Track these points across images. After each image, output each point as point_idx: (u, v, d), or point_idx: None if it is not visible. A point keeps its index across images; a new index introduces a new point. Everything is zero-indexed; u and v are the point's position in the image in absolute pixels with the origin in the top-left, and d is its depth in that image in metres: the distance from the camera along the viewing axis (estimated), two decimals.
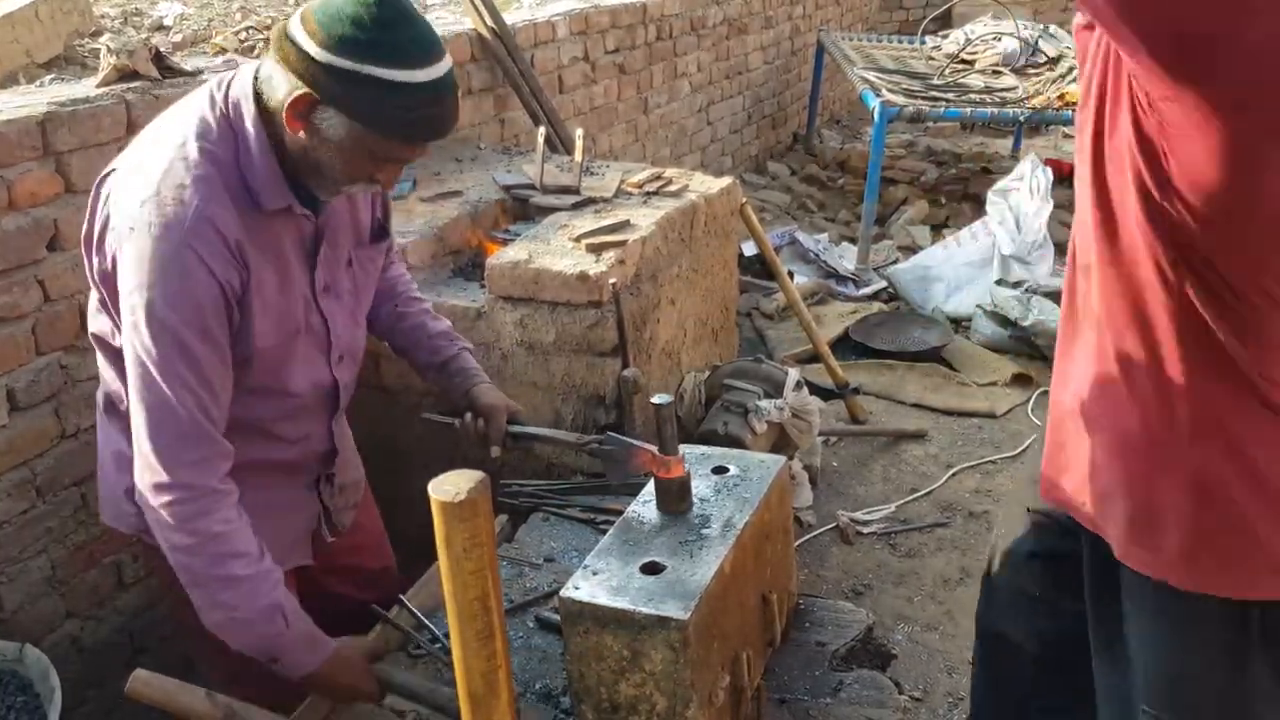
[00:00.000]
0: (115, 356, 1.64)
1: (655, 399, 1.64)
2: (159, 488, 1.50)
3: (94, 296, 1.66)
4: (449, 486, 1.01)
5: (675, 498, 1.65)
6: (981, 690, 1.93)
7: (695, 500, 1.68)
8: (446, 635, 1.78)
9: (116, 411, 1.73)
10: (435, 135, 1.50)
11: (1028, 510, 1.72)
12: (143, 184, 1.48)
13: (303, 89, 1.42)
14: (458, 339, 2.05)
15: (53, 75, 3.34)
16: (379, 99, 1.40)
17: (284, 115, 1.45)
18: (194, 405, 1.49)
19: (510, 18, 4.20)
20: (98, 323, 1.68)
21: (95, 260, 1.57)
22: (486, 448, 1.95)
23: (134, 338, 1.48)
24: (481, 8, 3.87)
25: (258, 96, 1.50)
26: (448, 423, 1.98)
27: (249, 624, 1.55)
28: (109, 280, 1.54)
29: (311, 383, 1.73)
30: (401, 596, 1.89)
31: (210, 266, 1.46)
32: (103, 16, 4.30)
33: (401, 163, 1.55)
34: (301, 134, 1.46)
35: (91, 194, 1.57)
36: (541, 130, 3.48)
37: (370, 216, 1.80)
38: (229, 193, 1.50)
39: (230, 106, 1.52)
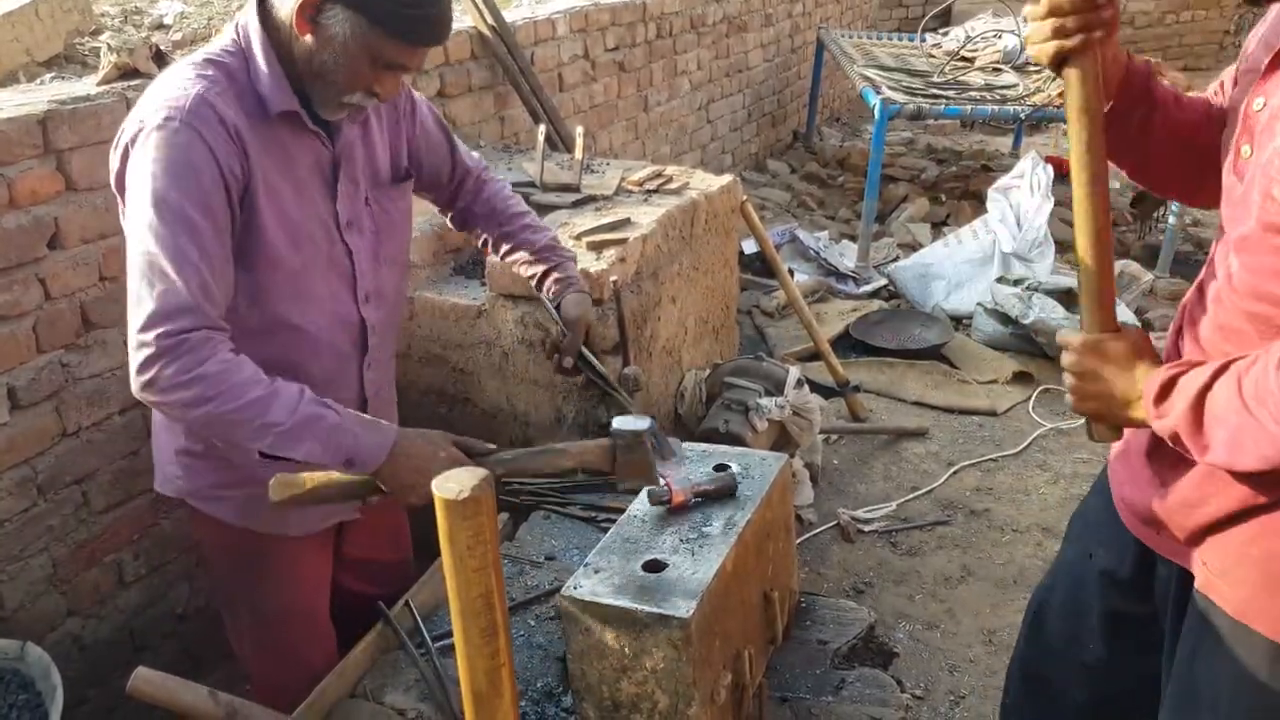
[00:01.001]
0: None
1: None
2: (149, 360, 1.48)
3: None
4: (452, 484, 1.01)
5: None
6: None
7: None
8: (446, 635, 1.79)
9: None
10: (433, 38, 1.57)
11: (1090, 556, 1.65)
12: (154, 91, 1.57)
13: None
14: (562, 250, 2.07)
15: (53, 74, 3.34)
16: None
17: (294, 18, 1.53)
18: (190, 274, 1.49)
19: (510, 15, 4.20)
20: None
21: (116, 174, 1.59)
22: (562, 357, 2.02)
23: (138, 217, 1.50)
24: (481, 5, 3.87)
25: (265, 16, 1.59)
26: (553, 323, 2.03)
27: (302, 428, 1.52)
28: (121, 178, 1.57)
29: (339, 321, 1.75)
30: (383, 606, 1.89)
31: (210, 145, 1.51)
32: (103, 15, 4.29)
33: (400, 70, 1.60)
34: (308, 37, 1.54)
35: None
36: (542, 128, 3.48)
37: (390, 157, 1.82)
38: (235, 95, 1.57)
39: (240, 32, 1.61)
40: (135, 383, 1.51)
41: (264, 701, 1.63)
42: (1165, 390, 1.24)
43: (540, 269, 2.05)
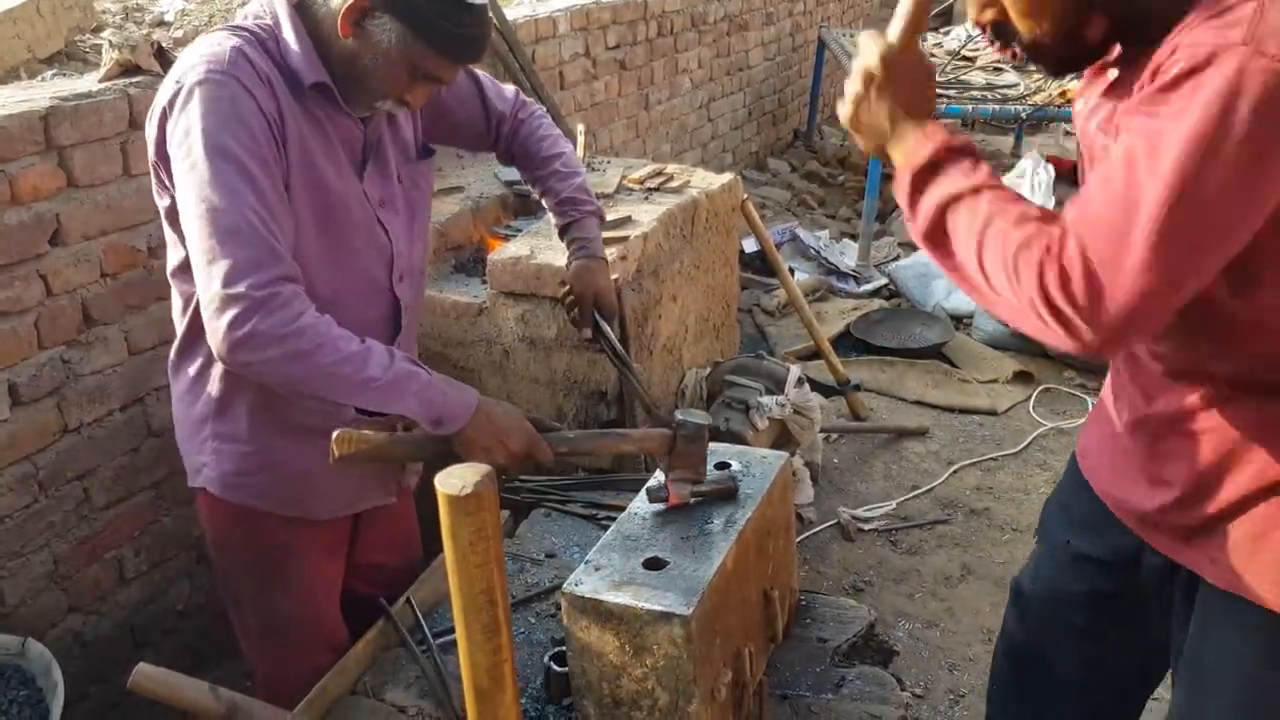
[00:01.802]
0: (187, 272, 1.60)
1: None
2: (243, 314, 1.42)
3: (165, 225, 1.64)
4: (455, 480, 1.02)
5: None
6: (1006, 708, 1.88)
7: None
8: (446, 632, 1.79)
9: (184, 363, 1.75)
10: (474, 57, 1.59)
11: (1067, 543, 1.66)
12: (186, 56, 1.55)
13: None
14: (582, 204, 2.04)
15: (54, 70, 3.34)
16: (437, 12, 1.49)
17: (339, 17, 1.51)
18: (260, 225, 1.45)
19: (511, 13, 4.20)
20: (175, 253, 1.65)
21: (154, 143, 1.55)
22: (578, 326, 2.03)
23: (193, 175, 1.46)
24: None
25: (300, 11, 1.58)
26: (564, 291, 2.02)
27: (398, 384, 1.51)
28: (161, 146, 1.53)
29: (373, 300, 1.74)
30: (384, 603, 1.88)
31: (254, 95, 1.49)
32: (104, 12, 4.28)
33: (435, 83, 1.61)
34: (350, 40, 1.53)
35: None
36: None
37: (413, 134, 1.82)
38: (269, 59, 1.55)
39: (267, 9, 1.60)
40: (225, 341, 1.43)
41: (268, 700, 1.63)
42: (932, 169, 1.23)
43: (560, 223, 2.04)
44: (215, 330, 1.44)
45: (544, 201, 2.07)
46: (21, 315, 2.27)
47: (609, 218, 2.88)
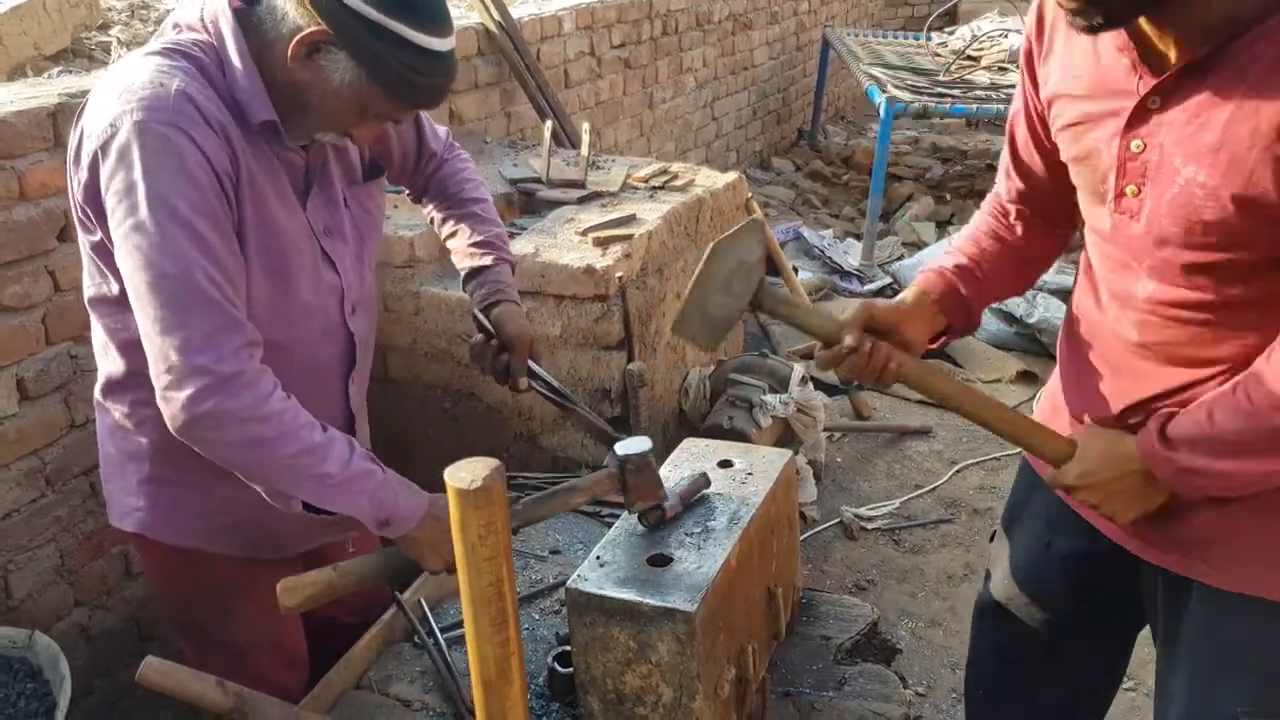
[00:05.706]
0: (114, 308, 1.52)
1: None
2: (207, 389, 1.34)
3: (85, 254, 1.54)
4: (464, 474, 1.02)
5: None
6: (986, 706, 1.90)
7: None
8: (451, 627, 1.80)
9: (113, 400, 1.66)
10: (431, 104, 1.52)
11: (1048, 545, 1.65)
12: (117, 88, 1.39)
13: (320, 26, 1.38)
14: (500, 249, 1.91)
15: (60, 68, 3.35)
16: (397, 57, 1.39)
17: (290, 47, 1.40)
18: (214, 290, 1.36)
19: (516, 12, 4.20)
20: (100, 284, 1.55)
21: (83, 186, 1.43)
22: (507, 379, 1.85)
23: (134, 239, 1.35)
24: (488, 2, 3.88)
25: (242, 16, 1.45)
26: (485, 333, 1.85)
27: (353, 481, 1.45)
28: (91, 192, 1.41)
29: (326, 336, 1.66)
30: (397, 594, 1.85)
31: (201, 146, 1.37)
32: (109, 9, 4.29)
33: (386, 121, 1.54)
34: (300, 70, 1.42)
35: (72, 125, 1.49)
36: (549, 124, 3.49)
37: (359, 154, 1.71)
38: (214, 92, 1.43)
39: (211, 27, 1.46)
40: (182, 416, 1.35)
41: None
42: (1165, 438, 1.30)
43: (470, 264, 1.89)
44: (171, 401, 1.36)
45: (454, 241, 1.92)
46: (30, 310, 2.28)
47: (613, 216, 2.90)
